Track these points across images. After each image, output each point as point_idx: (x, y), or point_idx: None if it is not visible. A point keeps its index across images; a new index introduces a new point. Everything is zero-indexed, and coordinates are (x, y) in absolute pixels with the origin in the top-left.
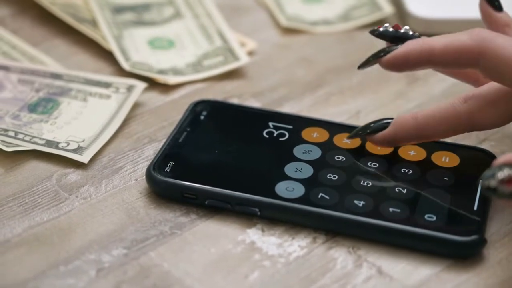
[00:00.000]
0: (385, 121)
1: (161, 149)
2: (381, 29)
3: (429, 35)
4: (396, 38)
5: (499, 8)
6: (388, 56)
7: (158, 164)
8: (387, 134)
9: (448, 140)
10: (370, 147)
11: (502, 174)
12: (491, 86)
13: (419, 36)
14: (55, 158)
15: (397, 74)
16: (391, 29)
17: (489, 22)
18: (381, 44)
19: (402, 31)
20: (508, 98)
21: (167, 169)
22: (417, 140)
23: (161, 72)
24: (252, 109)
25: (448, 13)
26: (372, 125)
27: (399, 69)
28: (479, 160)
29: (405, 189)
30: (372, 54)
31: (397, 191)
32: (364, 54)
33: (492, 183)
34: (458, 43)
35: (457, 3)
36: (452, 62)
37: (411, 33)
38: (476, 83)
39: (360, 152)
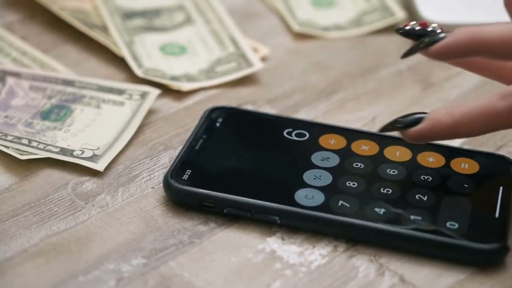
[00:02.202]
0: (418, 116)
1: (177, 156)
2: (407, 27)
3: None
4: (423, 37)
5: None
6: (437, 46)
7: (175, 172)
8: (421, 129)
9: (466, 146)
10: (388, 154)
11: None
12: None
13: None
14: (70, 166)
15: (411, 79)
16: (418, 27)
17: None
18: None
19: (429, 29)
20: None
21: (185, 177)
22: (451, 137)
23: (174, 78)
24: (268, 115)
25: (461, 17)
26: (405, 118)
27: (447, 59)
28: (498, 166)
29: (426, 197)
30: (417, 43)
31: (418, 198)
32: (377, 59)
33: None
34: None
35: (469, 7)
36: (505, 53)
37: (439, 31)
38: (508, 81)
39: (378, 159)
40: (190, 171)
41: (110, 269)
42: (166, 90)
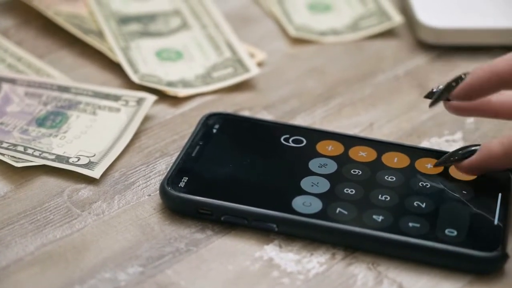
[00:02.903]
0: (472, 148)
1: (174, 163)
2: (435, 90)
3: (439, 46)
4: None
5: None
6: (460, 87)
7: (172, 179)
8: (475, 161)
9: None
10: (386, 160)
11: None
12: None
13: None
14: (66, 173)
15: (408, 84)
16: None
17: None
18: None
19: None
20: None
21: (181, 184)
22: (505, 166)
23: (170, 84)
24: (265, 122)
25: (458, 22)
26: (460, 151)
27: (471, 98)
28: (496, 173)
29: (424, 203)
30: (442, 90)
31: (416, 205)
32: (374, 64)
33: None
34: None
35: (467, 12)
36: None
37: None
38: None
39: (376, 166)
40: (187, 178)
41: (107, 277)
42: (162, 96)
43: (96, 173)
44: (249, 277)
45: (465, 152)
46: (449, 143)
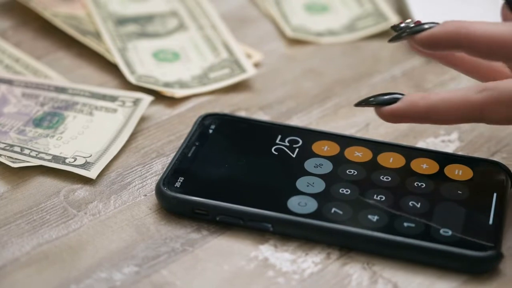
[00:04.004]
0: (394, 96)
1: (170, 164)
2: (402, 24)
3: None
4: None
5: None
6: (424, 33)
7: (167, 180)
8: (396, 109)
9: (461, 152)
10: (382, 160)
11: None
12: (509, 83)
13: None
14: (62, 173)
15: (404, 85)
16: (412, 25)
17: None
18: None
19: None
20: None
21: (177, 184)
22: (423, 121)
23: (167, 85)
24: (261, 122)
25: None
26: (381, 96)
27: (432, 48)
28: (492, 172)
29: (419, 203)
30: (405, 29)
31: (411, 205)
32: (371, 65)
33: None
34: (498, 34)
35: (464, 12)
36: (487, 52)
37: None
38: (483, 78)
39: (372, 166)
40: (183, 178)
41: (102, 277)
42: (159, 97)
43: (92, 173)
44: (245, 276)
45: (388, 98)
46: (445, 143)
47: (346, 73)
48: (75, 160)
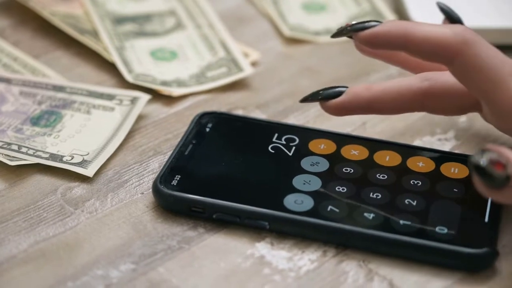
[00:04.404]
0: (338, 89)
1: (167, 162)
2: (353, 22)
3: None
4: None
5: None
6: (367, 31)
7: (164, 178)
8: (340, 101)
9: (457, 151)
10: (378, 158)
11: (492, 154)
12: (452, 76)
13: None
14: (60, 172)
15: None
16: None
17: None
18: None
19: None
20: (464, 95)
21: (174, 182)
22: (368, 112)
23: (165, 83)
24: (258, 120)
25: None
26: (326, 91)
27: (374, 47)
28: None
29: (415, 201)
30: (349, 26)
31: (407, 203)
32: (368, 64)
33: (482, 161)
34: (439, 37)
35: (460, 11)
36: (427, 54)
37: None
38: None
39: (368, 164)
40: (180, 176)
41: (99, 274)
42: (157, 96)
43: (89, 171)
44: (241, 274)
45: (332, 92)
46: (442, 141)
47: (343, 72)
48: (72, 158)
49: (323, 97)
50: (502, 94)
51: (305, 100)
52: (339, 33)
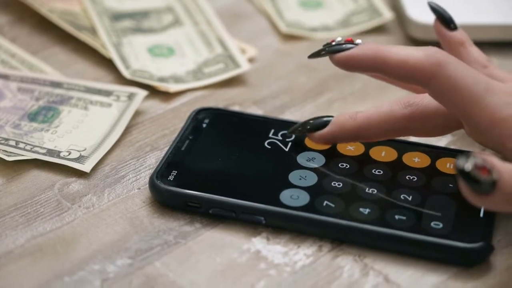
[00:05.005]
0: (324, 119)
1: (163, 157)
2: (333, 43)
3: (429, 41)
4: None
5: (453, 28)
6: (342, 54)
7: (161, 173)
8: (326, 133)
9: (452, 146)
10: (374, 154)
11: (477, 159)
12: (433, 100)
13: None
14: (57, 167)
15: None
16: (333, 44)
17: (443, 40)
18: None
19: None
20: (447, 116)
21: (171, 177)
22: (354, 140)
23: (162, 79)
24: (254, 116)
25: None
26: (311, 121)
27: (349, 69)
28: None
29: (411, 196)
30: (326, 47)
31: (403, 198)
32: None
33: (467, 165)
34: (413, 61)
35: (456, 9)
36: (403, 77)
37: (349, 45)
38: (419, 92)
39: (364, 159)
40: (176, 172)
41: (96, 269)
42: (154, 92)
43: (86, 167)
44: (237, 269)
45: (318, 123)
46: (438, 137)
47: (339, 68)
48: (69, 154)
49: (310, 128)
50: (480, 111)
51: (292, 132)
52: (317, 53)
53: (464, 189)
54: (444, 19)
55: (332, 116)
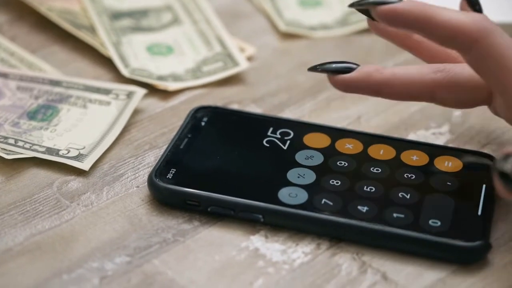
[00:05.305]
0: (350, 65)
1: (162, 155)
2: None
3: None
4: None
5: (479, 11)
6: (386, 7)
7: (160, 171)
8: (349, 78)
9: (451, 145)
10: (372, 152)
11: None
12: (465, 68)
13: None
14: (56, 165)
15: None
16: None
17: None
18: None
19: None
20: (476, 88)
21: (169, 175)
22: (376, 94)
23: (161, 78)
24: (253, 115)
25: None
26: (336, 64)
27: (391, 24)
28: (481, 164)
29: (409, 194)
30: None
31: (401, 196)
32: (363, 58)
33: (507, 166)
34: (459, 23)
35: (454, 6)
36: (445, 39)
37: None
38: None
39: (362, 158)
40: (175, 170)
41: (94, 267)
42: (153, 90)
43: (85, 165)
44: (235, 267)
45: (342, 67)
46: (436, 135)
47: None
48: (68, 152)
49: (332, 70)
50: None
51: (313, 69)
52: (358, 4)
53: (501, 189)
54: (472, 3)
55: (356, 64)
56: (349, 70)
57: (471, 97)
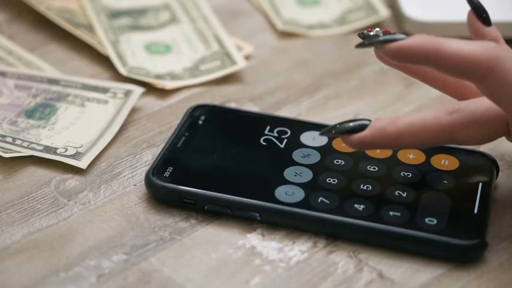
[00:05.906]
0: (363, 122)
1: (159, 154)
2: (371, 33)
3: None
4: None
5: (487, 22)
6: (395, 45)
7: (157, 169)
8: (365, 137)
9: None
10: (369, 151)
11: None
12: (480, 103)
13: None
14: (53, 164)
15: (394, 76)
16: (382, 34)
17: (476, 35)
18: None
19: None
20: (495, 121)
21: (166, 174)
22: (393, 147)
23: (158, 77)
24: (250, 113)
25: (444, 16)
26: (349, 123)
27: (401, 61)
28: (478, 163)
29: (405, 193)
30: (375, 37)
31: (397, 194)
32: (361, 57)
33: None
34: (471, 55)
35: (453, 6)
36: (458, 71)
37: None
38: (460, 97)
39: (359, 156)
40: (172, 168)
41: (91, 265)
42: (150, 89)
43: (83, 163)
44: (232, 265)
45: (356, 126)
46: None
47: (336, 65)
48: (66, 151)
49: (345, 131)
50: None
51: (325, 133)
52: (366, 44)
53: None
54: (478, 12)
55: (368, 120)
56: (362, 127)
57: (490, 131)
